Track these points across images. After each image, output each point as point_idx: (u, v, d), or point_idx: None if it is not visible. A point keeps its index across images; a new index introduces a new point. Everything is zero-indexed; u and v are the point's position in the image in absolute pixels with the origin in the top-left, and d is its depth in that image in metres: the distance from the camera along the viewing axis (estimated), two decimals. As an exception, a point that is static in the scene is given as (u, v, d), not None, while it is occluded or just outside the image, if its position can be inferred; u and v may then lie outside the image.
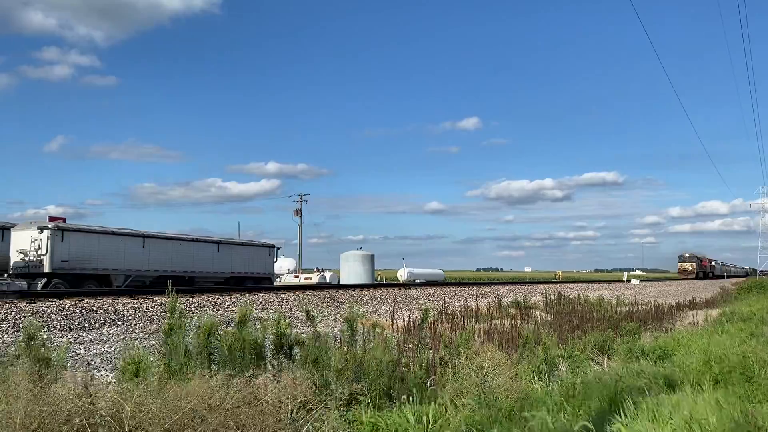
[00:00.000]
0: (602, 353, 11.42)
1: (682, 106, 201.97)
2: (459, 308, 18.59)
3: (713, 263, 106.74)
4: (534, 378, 8.54)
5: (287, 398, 4.94)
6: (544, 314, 19.22)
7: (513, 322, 15.56)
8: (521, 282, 43.68)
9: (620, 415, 5.55)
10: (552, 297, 24.36)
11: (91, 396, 4.26)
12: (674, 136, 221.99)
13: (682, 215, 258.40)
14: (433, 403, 6.06)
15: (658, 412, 5.62)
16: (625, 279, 57.48)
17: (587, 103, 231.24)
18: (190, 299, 17.05)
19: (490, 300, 22.69)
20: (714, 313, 22.86)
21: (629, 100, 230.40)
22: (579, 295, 26.86)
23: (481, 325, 14.46)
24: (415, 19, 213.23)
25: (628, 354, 10.89)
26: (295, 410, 4.90)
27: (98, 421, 4.26)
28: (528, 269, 79.99)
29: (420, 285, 34.17)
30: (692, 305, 28.33)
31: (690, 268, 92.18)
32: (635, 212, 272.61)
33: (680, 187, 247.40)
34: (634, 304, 25.06)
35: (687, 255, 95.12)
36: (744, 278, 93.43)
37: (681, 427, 5.12)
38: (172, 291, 7.60)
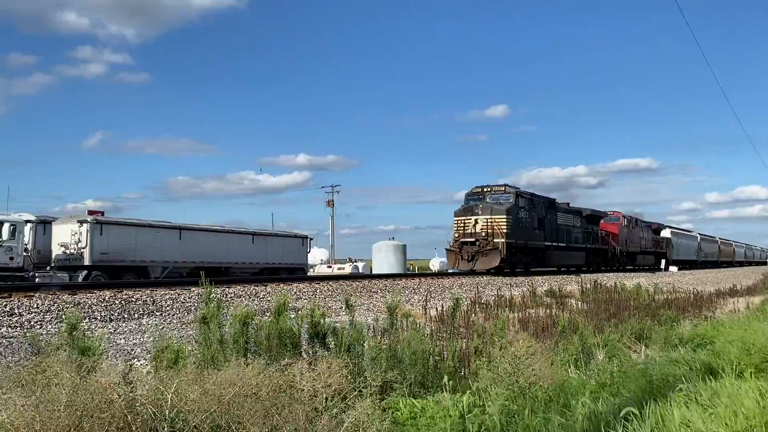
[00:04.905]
0: (639, 342, 11.25)
1: (720, 86, 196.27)
2: (492, 297, 18.48)
3: (664, 236, 58.98)
4: (570, 367, 8.46)
5: (321, 386, 4.98)
6: (579, 303, 18.99)
7: (548, 310, 15.42)
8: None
9: (659, 402, 5.47)
10: (588, 285, 24.04)
11: (130, 384, 4.36)
12: (709, 120, 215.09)
13: (719, 201, 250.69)
14: (468, 392, 6.04)
15: (697, 400, 5.52)
16: (662, 267, 56.38)
17: (618, 88, 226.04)
18: (227, 289, 17.30)
19: (525, 289, 22.51)
20: (756, 300, 22.32)
21: (662, 83, 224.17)
22: (615, 283, 26.46)
23: (516, 314, 14.36)
24: (441, 7, 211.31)
25: (666, 342, 10.71)
26: (329, 398, 4.93)
27: (139, 408, 4.36)
28: (563, 257, 78.77)
29: (453, 274, 34.06)
30: (733, 292, 27.70)
31: (477, 231, 30.79)
32: (671, 199, 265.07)
33: (717, 172, 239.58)
34: (672, 291, 24.61)
35: (479, 206, 31.55)
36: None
37: (725, 416, 5.02)
38: (206, 281, 7.71)
